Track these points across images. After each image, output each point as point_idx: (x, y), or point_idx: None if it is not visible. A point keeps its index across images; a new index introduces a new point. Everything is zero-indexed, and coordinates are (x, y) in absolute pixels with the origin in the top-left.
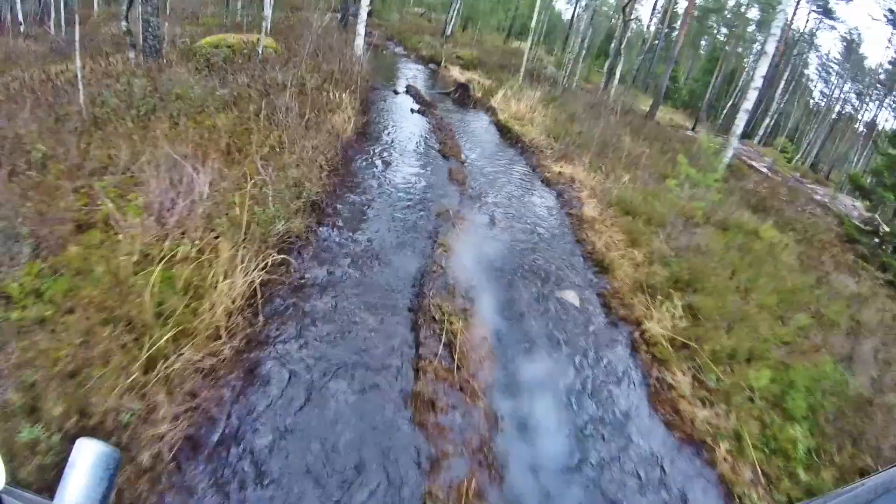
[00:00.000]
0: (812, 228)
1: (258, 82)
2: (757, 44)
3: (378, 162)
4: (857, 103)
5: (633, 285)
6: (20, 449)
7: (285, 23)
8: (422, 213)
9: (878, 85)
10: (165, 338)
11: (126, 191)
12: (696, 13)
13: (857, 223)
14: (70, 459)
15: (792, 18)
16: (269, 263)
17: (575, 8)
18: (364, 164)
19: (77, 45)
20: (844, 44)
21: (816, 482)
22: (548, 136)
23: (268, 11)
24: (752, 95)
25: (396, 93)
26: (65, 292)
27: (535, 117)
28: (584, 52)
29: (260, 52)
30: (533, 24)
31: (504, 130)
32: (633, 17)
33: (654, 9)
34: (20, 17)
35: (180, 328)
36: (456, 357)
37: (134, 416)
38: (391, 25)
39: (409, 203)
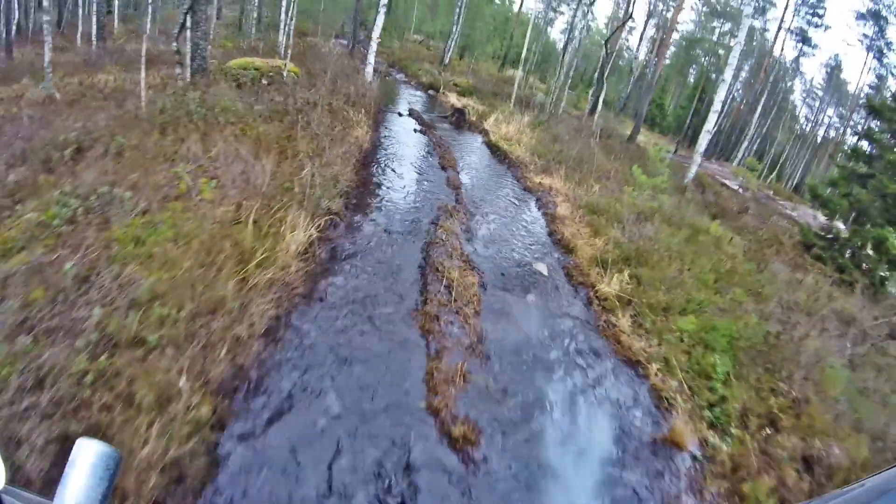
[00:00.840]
0: (767, 232)
1: (291, 100)
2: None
3: (390, 168)
4: (839, 127)
5: (591, 261)
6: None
7: (297, 48)
8: (425, 206)
9: (859, 109)
10: (255, 261)
11: (197, 175)
12: (683, 43)
13: (815, 230)
14: (70, 459)
15: (772, 47)
16: (320, 226)
17: (567, 40)
18: (379, 169)
19: (143, 59)
20: (827, 70)
21: (731, 393)
22: (532, 155)
23: (282, 38)
24: (713, 118)
25: (400, 115)
26: (167, 238)
27: (522, 138)
28: (569, 80)
29: (284, 75)
30: (523, 54)
31: (494, 149)
32: (614, 49)
33: (640, 39)
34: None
35: (265, 256)
36: (453, 294)
37: (237, 305)
38: (392, 53)
39: (415, 198)
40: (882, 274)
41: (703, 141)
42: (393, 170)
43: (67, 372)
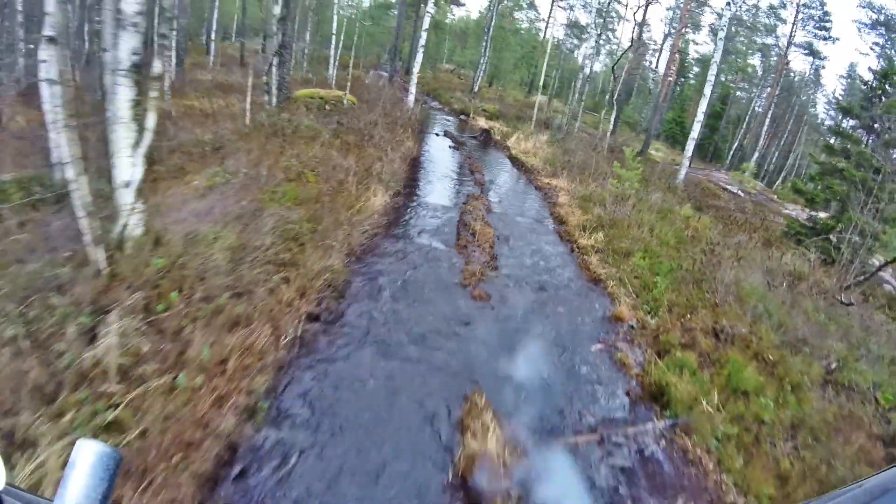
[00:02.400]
0: (743, 220)
1: (356, 121)
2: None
3: (432, 169)
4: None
5: (577, 227)
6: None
7: (344, 80)
8: (458, 193)
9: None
10: (356, 208)
11: (302, 168)
12: (697, 65)
13: (800, 221)
14: (70, 459)
15: (783, 62)
16: (390, 196)
17: (580, 67)
18: (424, 169)
19: (249, 89)
20: (848, 80)
21: (664, 297)
22: (544, 164)
23: (332, 71)
24: (697, 127)
25: (437, 135)
26: (292, 197)
27: (538, 152)
28: (582, 103)
29: (345, 103)
30: (541, 81)
31: (514, 160)
32: (621, 75)
33: (657, 62)
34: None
35: (360, 206)
36: (476, 238)
37: (348, 228)
38: (426, 83)
39: (450, 188)
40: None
41: (689, 147)
42: (434, 171)
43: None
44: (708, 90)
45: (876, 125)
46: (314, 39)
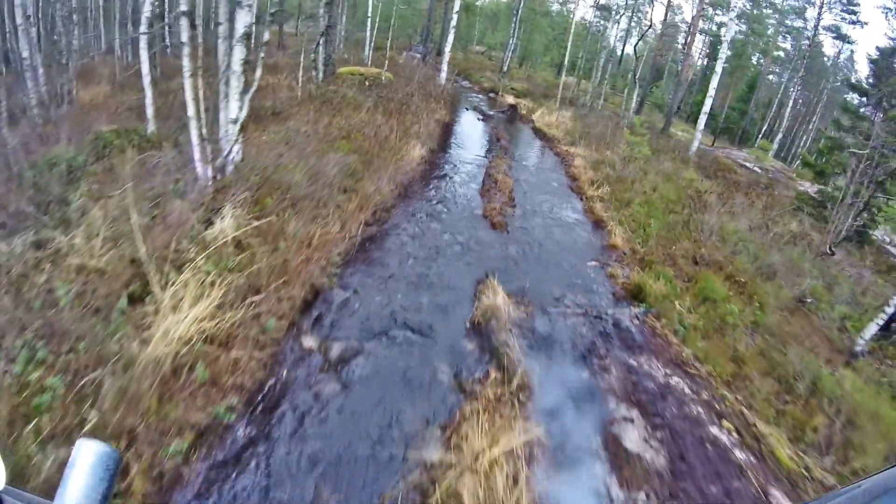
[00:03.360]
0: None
1: (395, 94)
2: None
3: (461, 135)
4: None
5: (587, 182)
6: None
7: (380, 60)
8: (484, 154)
9: None
10: (399, 155)
11: (351, 129)
12: (726, 50)
13: (810, 194)
14: (70, 459)
15: (811, 46)
16: (427, 150)
17: (599, 49)
18: (455, 135)
19: (301, 67)
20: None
21: (657, 233)
22: (565, 135)
23: (367, 52)
24: (708, 102)
25: (467, 110)
26: (346, 149)
27: (560, 125)
28: (605, 82)
29: (383, 79)
30: (565, 61)
31: (537, 131)
32: (642, 55)
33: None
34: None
35: (402, 155)
36: (498, 185)
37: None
38: (457, 63)
39: (478, 150)
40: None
41: (701, 121)
42: (463, 136)
43: (331, 178)
44: (719, 67)
45: (884, 102)
46: (350, 22)
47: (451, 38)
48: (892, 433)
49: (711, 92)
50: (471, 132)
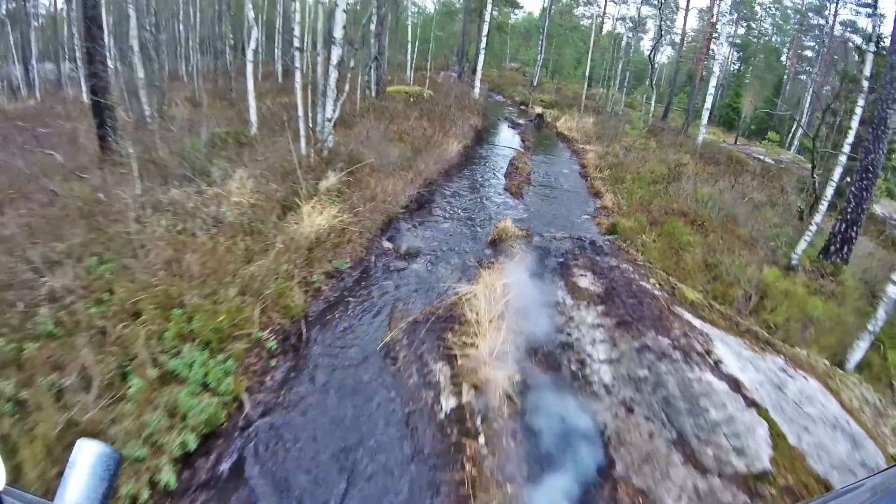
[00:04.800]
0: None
1: (436, 107)
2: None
3: (491, 138)
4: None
5: (593, 167)
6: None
7: (420, 79)
8: (511, 150)
9: None
10: (440, 147)
11: (401, 133)
12: (750, 53)
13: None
14: (70, 459)
15: (831, 42)
16: (463, 146)
17: (613, 58)
18: (485, 142)
19: (359, 87)
20: None
21: (639, 196)
22: (583, 136)
23: (409, 73)
24: (709, 100)
25: (498, 119)
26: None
27: (580, 129)
28: (624, 88)
29: (426, 96)
30: (586, 72)
31: (560, 135)
32: (655, 62)
33: (707, 48)
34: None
35: (443, 147)
36: (519, 171)
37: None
38: (491, 79)
39: (505, 148)
40: None
41: (705, 116)
42: (493, 138)
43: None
44: (717, 68)
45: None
46: (392, 47)
47: (482, 58)
48: (798, 303)
49: (711, 90)
50: (499, 135)
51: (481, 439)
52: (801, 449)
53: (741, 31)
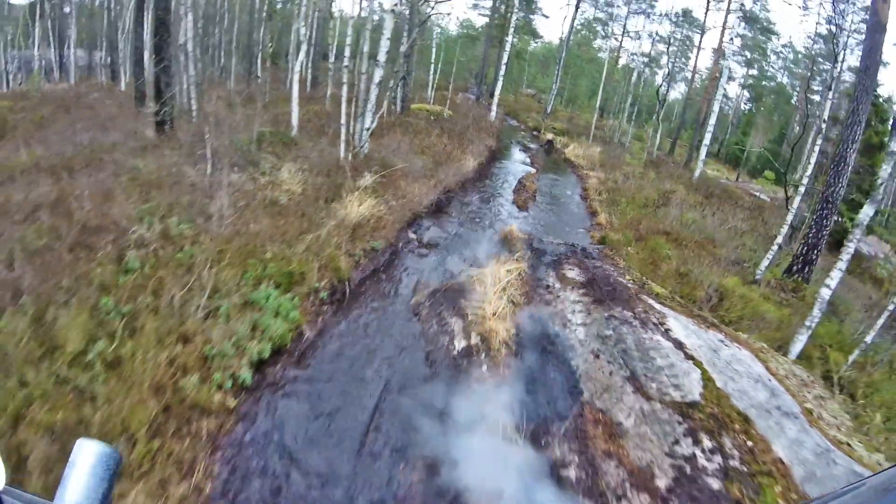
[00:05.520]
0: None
1: (455, 126)
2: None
3: (504, 158)
4: None
5: (593, 191)
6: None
7: (441, 99)
8: (520, 172)
9: None
10: (458, 163)
11: (422, 148)
12: (756, 94)
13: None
14: (70, 459)
15: (832, 86)
16: (478, 164)
17: (626, 92)
18: (498, 161)
19: (386, 102)
20: None
21: (630, 216)
22: (588, 163)
23: (430, 93)
24: (707, 137)
25: (511, 142)
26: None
27: (587, 156)
28: (632, 121)
29: (446, 115)
30: (598, 103)
31: (567, 160)
32: (665, 98)
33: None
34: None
35: (460, 164)
36: (526, 188)
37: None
38: (507, 104)
39: (516, 168)
40: None
41: (703, 151)
42: (505, 159)
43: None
44: (716, 107)
45: None
46: (416, 66)
47: (500, 84)
48: (753, 306)
49: (710, 128)
50: (511, 156)
51: (484, 367)
52: (726, 391)
53: (753, 72)
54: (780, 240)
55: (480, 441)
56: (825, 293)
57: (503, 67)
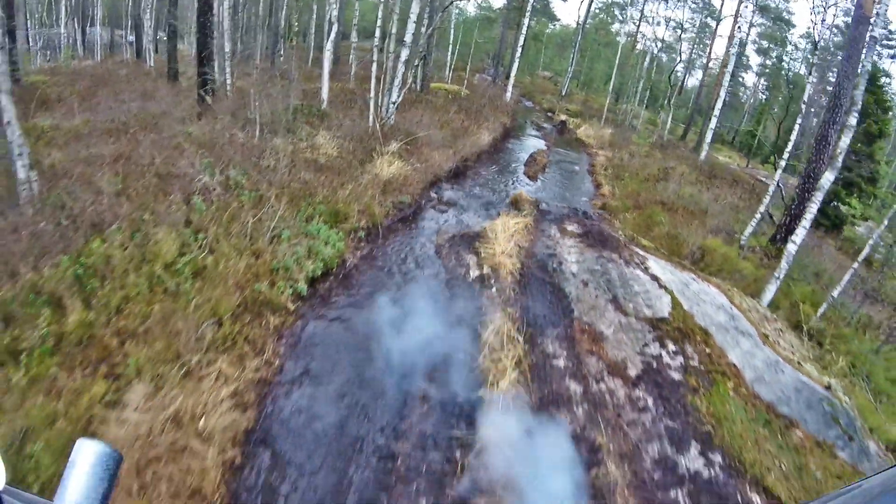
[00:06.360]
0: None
1: (471, 104)
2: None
3: (517, 135)
4: None
5: (600, 168)
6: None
7: (458, 80)
8: (534, 148)
9: None
10: (475, 135)
11: (441, 123)
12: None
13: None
14: (70, 459)
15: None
16: (492, 139)
17: (638, 78)
18: (512, 138)
19: (412, 82)
20: None
21: (631, 189)
22: (598, 142)
23: (448, 73)
24: (713, 122)
25: (525, 121)
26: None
27: (597, 136)
28: (644, 104)
29: (462, 94)
30: (610, 86)
31: (578, 140)
32: (678, 83)
33: (725, 74)
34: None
35: (476, 137)
36: (537, 161)
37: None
38: (524, 86)
39: (528, 145)
40: None
41: (708, 135)
42: (518, 136)
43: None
44: (723, 93)
45: None
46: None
47: (516, 66)
48: (731, 262)
49: (717, 112)
50: (525, 134)
51: (493, 289)
52: (691, 312)
53: (771, 61)
54: (762, 208)
55: (488, 337)
56: (791, 248)
57: (519, 49)
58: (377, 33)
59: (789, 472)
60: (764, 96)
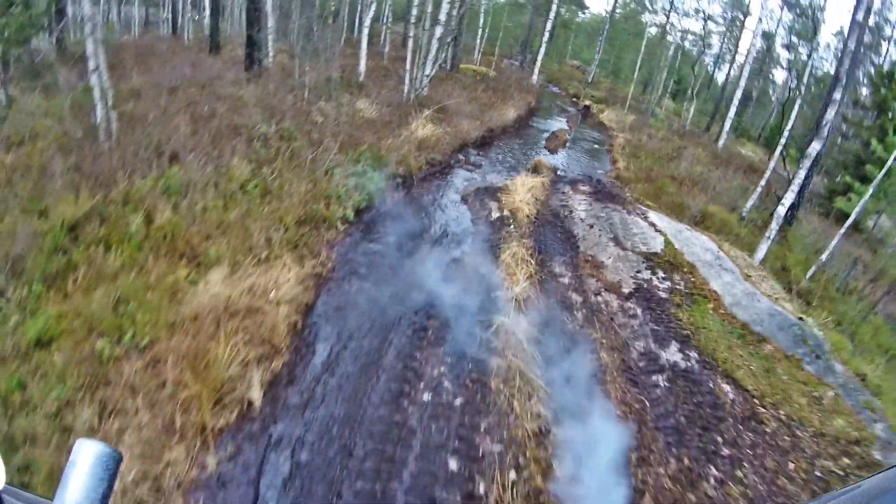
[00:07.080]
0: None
1: (499, 85)
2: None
3: (541, 115)
4: None
5: (617, 147)
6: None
7: (487, 62)
8: (556, 127)
9: None
10: (499, 111)
11: (470, 99)
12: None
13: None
14: (70, 459)
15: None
16: (517, 115)
17: (661, 67)
18: (535, 117)
19: (444, 60)
20: None
21: (646, 165)
22: (619, 125)
23: (477, 56)
24: (732, 111)
25: (550, 104)
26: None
27: (619, 121)
28: (667, 93)
29: (491, 76)
30: (635, 76)
31: (600, 123)
32: (700, 73)
33: (745, 64)
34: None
35: (501, 112)
36: (559, 138)
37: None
38: (551, 73)
39: (551, 123)
40: None
41: (727, 124)
42: (542, 115)
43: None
44: (743, 83)
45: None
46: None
47: (542, 51)
48: (729, 226)
49: (735, 101)
50: (549, 115)
51: (511, 227)
52: (681, 251)
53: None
54: (763, 182)
55: (505, 258)
56: (780, 210)
57: (547, 34)
58: (413, 12)
59: (758, 372)
60: (788, 91)
